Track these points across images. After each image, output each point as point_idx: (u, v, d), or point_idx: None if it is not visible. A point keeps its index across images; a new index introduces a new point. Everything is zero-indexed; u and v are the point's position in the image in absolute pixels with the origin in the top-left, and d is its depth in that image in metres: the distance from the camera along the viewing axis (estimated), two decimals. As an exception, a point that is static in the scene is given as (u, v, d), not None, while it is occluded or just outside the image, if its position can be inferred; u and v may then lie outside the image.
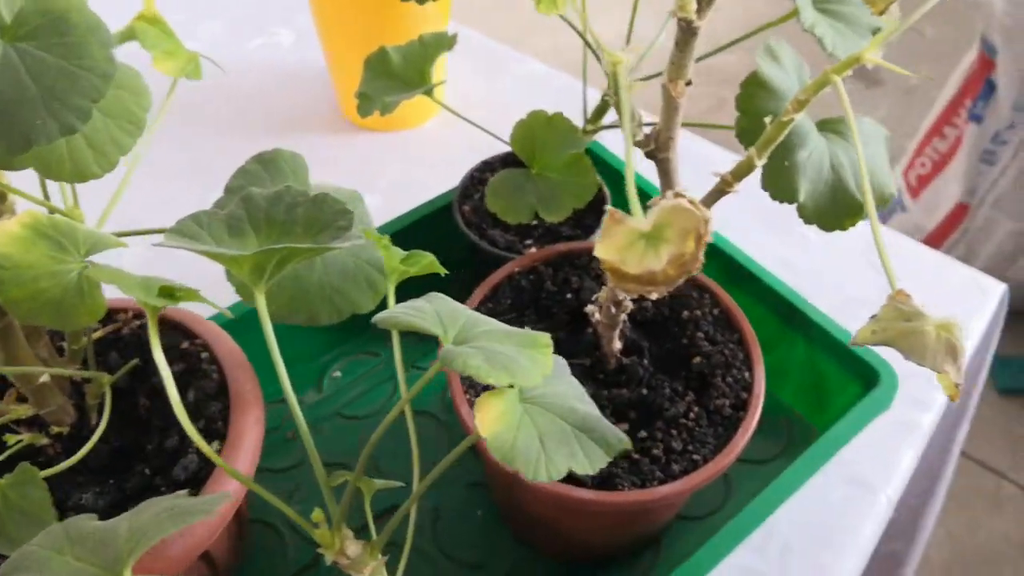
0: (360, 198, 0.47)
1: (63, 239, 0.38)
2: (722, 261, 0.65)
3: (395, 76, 0.59)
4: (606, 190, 0.65)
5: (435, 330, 0.29)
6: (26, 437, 0.44)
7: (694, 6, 0.33)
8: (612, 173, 0.70)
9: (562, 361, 0.34)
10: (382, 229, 0.67)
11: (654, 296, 0.28)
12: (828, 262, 0.77)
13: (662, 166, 0.40)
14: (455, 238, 0.65)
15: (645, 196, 0.68)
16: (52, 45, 0.32)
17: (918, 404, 0.66)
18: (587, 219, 0.64)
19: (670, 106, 0.37)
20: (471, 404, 0.47)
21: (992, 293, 0.75)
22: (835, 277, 0.75)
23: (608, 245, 0.26)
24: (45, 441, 0.45)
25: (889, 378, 0.58)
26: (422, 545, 0.59)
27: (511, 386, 0.29)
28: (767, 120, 0.45)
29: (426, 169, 0.83)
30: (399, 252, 0.34)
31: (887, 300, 0.31)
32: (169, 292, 0.30)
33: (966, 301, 0.74)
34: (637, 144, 0.39)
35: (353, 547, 0.30)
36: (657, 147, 0.38)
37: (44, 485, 0.35)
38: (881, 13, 0.39)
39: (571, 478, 0.46)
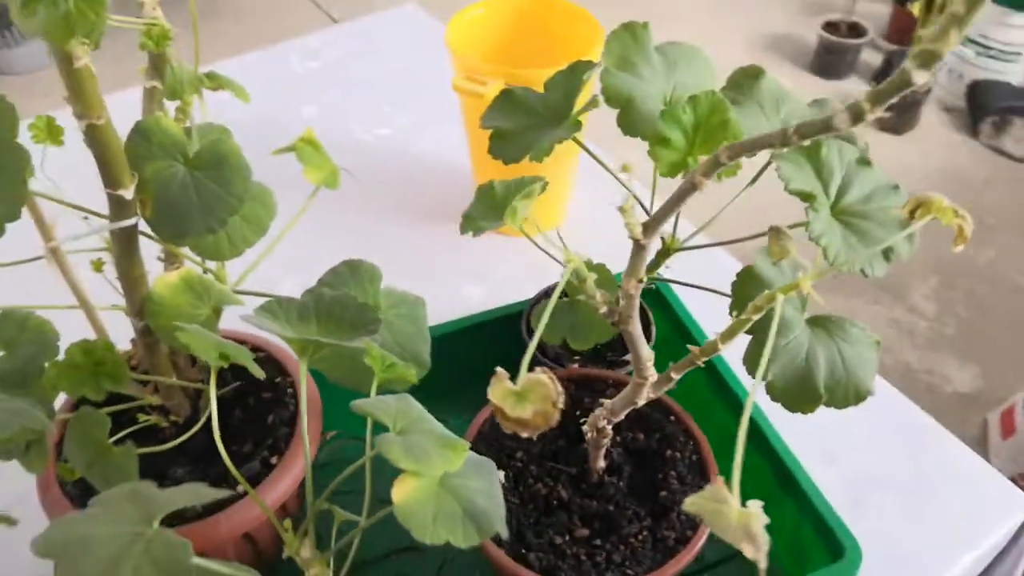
0: (423, 303, 0.61)
1: (202, 291, 0.55)
2: (738, 412, 0.73)
3: (496, 206, 0.73)
4: (652, 320, 0.76)
5: (387, 421, 0.42)
6: (152, 419, 0.61)
7: (640, 231, 0.45)
8: (669, 311, 0.81)
9: (491, 464, 0.45)
10: (468, 319, 0.81)
11: (526, 434, 0.40)
12: (851, 428, 0.82)
13: (626, 335, 0.51)
14: (520, 340, 0.77)
15: (688, 336, 0.78)
16: (213, 175, 0.48)
17: (901, 593, 0.71)
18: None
19: (626, 296, 0.48)
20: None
21: (1020, 510, 0.77)
22: (852, 443, 0.81)
23: (493, 394, 0.38)
24: (165, 425, 0.62)
25: (853, 554, 0.64)
26: (424, 585, 0.71)
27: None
28: (733, 315, 0.55)
29: (531, 272, 0.97)
30: (387, 359, 0.47)
31: (713, 481, 0.40)
32: (225, 357, 0.45)
33: (993, 509, 0.77)
34: (605, 316, 0.51)
35: (307, 551, 0.44)
36: (620, 320, 0.50)
37: (136, 458, 0.51)
38: (779, 260, 0.48)
39: (524, 561, 0.57)
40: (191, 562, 0.38)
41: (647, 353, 0.53)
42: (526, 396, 0.38)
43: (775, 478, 0.71)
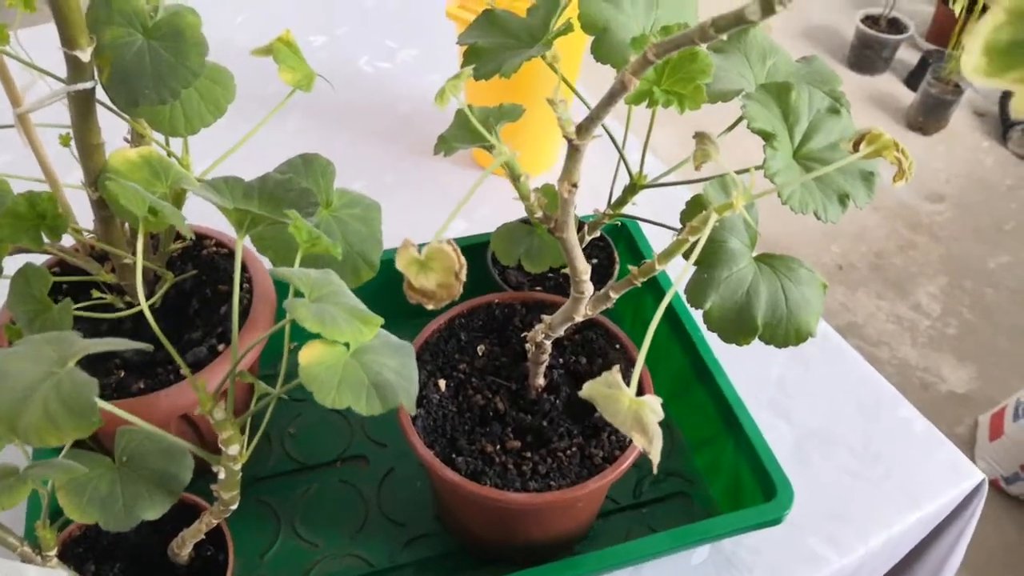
0: (378, 208, 0.62)
1: (160, 170, 0.56)
2: (692, 356, 0.74)
3: (471, 131, 0.74)
4: (616, 258, 0.77)
5: (303, 289, 0.43)
6: (108, 297, 0.63)
7: (572, 128, 0.45)
8: (635, 249, 0.81)
9: (409, 348, 0.46)
10: (439, 244, 0.82)
11: (431, 307, 0.40)
12: (806, 385, 0.82)
13: (561, 243, 0.51)
14: (487, 269, 0.78)
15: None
16: (169, 46, 0.49)
17: (835, 545, 0.71)
18: (593, 279, 0.76)
19: (562, 200, 0.49)
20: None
21: (967, 478, 0.77)
22: (806, 399, 0.81)
23: (399, 261, 0.39)
24: (120, 305, 0.64)
25: (785, 495, 0.64)
26: (368, 494, 0.73)
27: (347, 344, 0.43)
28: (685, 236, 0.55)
29: (514, 210, 0.98)
30: (312, 232, 0.47)
31: (612, 369, 0.41)
32: (154, 212, 0.46)
33: (942, 477, 0.77)
34: (540, 221, 0.51)
35: (220, 413, 0.45)
36: (555, 228, 0.50)
37: (72, 313, 0.52)
38: (701, 164, 0.48)
39: (452, 465, 0.58)
40: (95, 399, 0.39)
41: (583, 265, 0.53)
42: (429, 265, 0.39)
43: (720, 419, 0.71)
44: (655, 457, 0.41)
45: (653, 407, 0.40)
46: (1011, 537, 1.70)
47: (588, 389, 0.40)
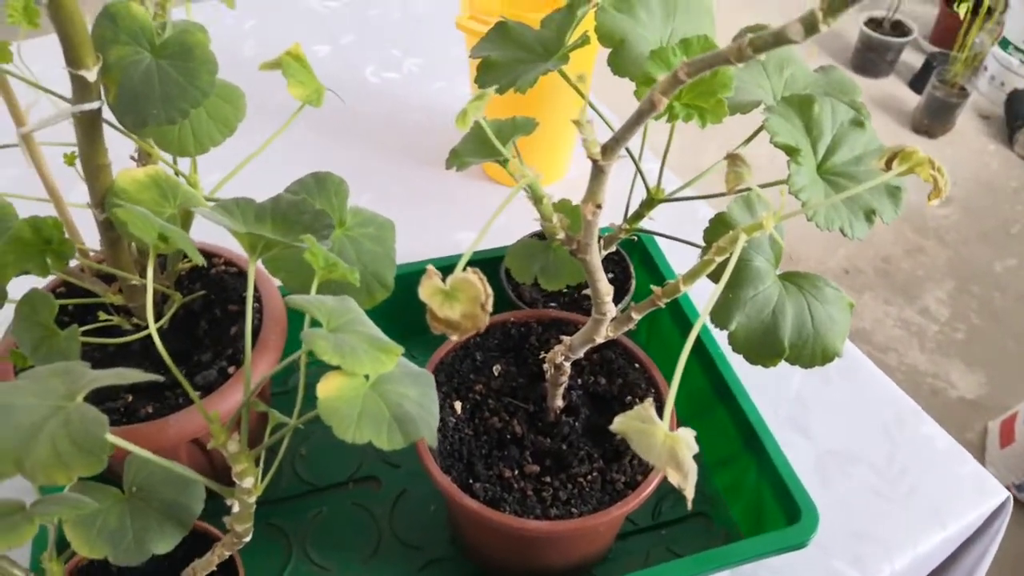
0: (393, 227, 0.60)
1: (168, 190, 0.55)
2: (712, 375, 0.72)
3: (483, 144, 0.72)
4: (632, 274, 0.75)
5: (321, 318, 0.41)
6: (116, 319, 0.61)
7: (598, 149, 0.43)
8: (651, 265, 0.80)
9: (428, 377, 0.45)
10: (447, 259, 0.80)
11: (455, 337, 0.39)
12: (827, 402, 0.81)
13: (583, 264, 0.50)
14: (500, 284, 0.77)
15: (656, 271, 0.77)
16: (178, 66, 0.48)
17: (860, 566, 0.70)
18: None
19: (585, 222, 0.47)
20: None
21: (991, 497, 0.75)
22: (827, 417, 0.79)
23: (423, 291, 0.37)
24: (128, 326, 0.62)
25: (809, 519, 0.63)
26: (380, 517, 0.71)
27: (366, 376, 0.42)
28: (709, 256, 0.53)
29: (526, 222, 0.96)
30: (329, 258, 0.46)
31: (645, 403, 0.39)
32: (164, 238, 0.45)
33: (966, 495, 0.75)
34: (562, 243, 0.50)
35: (234, 445, 0.43)
36: (579, 250, 0.49)
37: (79, 340, 0.51)
38: (734, 187, 0.47)
39: (469, 491, 0.56)
40: (105, 436, 0.38)
41: (606, 287, 0.52)
42: (455, 296, 0.37)
43: (741, 439, 0.69)
44: (689, 493, 0.39)
45: (688, 442, 0.39)
46: (1023, 545, 1.69)
47: (620, 424, 0.39)
